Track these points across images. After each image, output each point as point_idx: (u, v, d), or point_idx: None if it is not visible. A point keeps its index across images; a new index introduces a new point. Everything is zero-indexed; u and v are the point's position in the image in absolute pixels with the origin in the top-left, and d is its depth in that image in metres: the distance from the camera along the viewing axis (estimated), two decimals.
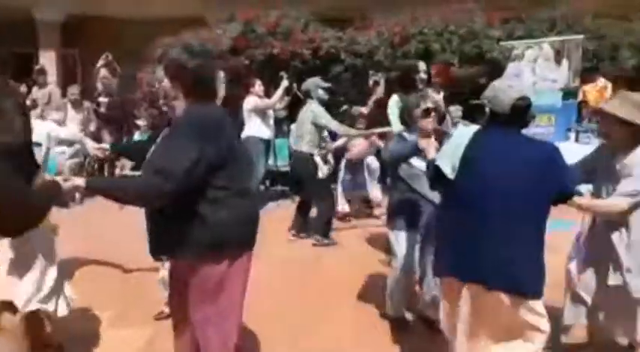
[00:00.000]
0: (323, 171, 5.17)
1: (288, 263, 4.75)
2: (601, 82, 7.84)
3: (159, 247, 2.24)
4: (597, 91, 7.76)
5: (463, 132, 2.39)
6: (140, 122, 7.55)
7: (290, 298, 3.93)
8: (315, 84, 5.31)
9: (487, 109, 2.33)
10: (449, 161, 2.27)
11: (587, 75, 7.69)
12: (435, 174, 2.35)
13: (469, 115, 5.21)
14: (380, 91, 6.69)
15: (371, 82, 7.02)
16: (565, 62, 7.45)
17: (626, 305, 2.68)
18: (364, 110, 6.83)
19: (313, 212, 5.55)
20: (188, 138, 2.00)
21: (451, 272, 2.31)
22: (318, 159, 5.17)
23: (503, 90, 2.28)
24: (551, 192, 2.22)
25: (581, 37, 7.50)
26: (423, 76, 4.20)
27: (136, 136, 7.39)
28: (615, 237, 2.65)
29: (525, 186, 2.16)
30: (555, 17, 8.36)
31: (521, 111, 2.25)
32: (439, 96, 3.90)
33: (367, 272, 4.25)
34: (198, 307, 2.18)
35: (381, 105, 7.37)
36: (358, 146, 6.00)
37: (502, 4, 8.52)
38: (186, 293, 2.21)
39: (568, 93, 7.00)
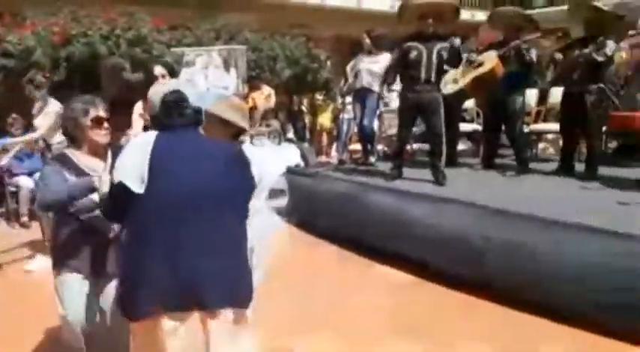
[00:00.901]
0: None
1: None
2: (266, 89, 8.67)
3: None
4: (264, 98, 8.52)
5: (141, 142, 2.03)
6: None
7: None
8: None
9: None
10: (136, 175, 1.90)
11: (252, 83, 8.39)
12: (120, 196, 1.92)
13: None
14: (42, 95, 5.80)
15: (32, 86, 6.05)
16: (233, 70, 7.94)
17: None
18: None
19: None
20: None
21: (156, 308, 1.84)
22: None
23: (155, 92, 2.15)
24: (247, 189, 2.08)
25: (244, 47, 8.10)
26: (162, 80, 3.65)
27: None
28: None
29: (223, 186, 1.97)
30: (219, 29, 8.82)
31: (175, 106, 2.07)
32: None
33: None
34: None
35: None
36: None
37: (167, 12, 8.56)
38: None
39: None
